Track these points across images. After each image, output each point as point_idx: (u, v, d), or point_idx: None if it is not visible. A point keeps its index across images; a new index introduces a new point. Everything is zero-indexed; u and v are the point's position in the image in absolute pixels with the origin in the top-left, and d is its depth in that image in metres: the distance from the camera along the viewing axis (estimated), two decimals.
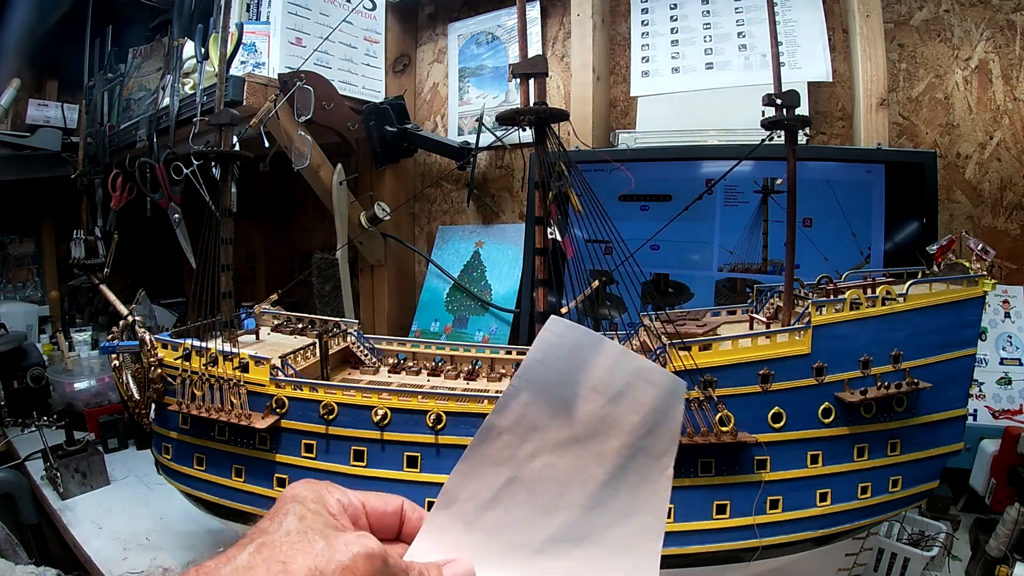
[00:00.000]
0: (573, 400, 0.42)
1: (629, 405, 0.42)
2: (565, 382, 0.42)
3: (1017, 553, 0.86)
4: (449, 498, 0.41)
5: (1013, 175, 1.17)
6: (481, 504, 0.41)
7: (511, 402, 0.42)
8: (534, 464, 0.41)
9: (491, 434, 0.41)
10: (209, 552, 1.07)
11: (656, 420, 0.42)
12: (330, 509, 0.38)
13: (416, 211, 1.84)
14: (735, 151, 1.13)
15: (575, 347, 0.42)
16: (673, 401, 0.42)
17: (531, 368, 0.42)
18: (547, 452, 0.41)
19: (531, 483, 0.41)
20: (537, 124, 0.71)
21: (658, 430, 0.42)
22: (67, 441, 1.34)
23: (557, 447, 0.41)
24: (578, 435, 0.41)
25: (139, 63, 1.72)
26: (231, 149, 0.92)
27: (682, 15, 1.38)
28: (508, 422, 0.41)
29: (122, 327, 0.92)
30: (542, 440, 0.41)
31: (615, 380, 0.42)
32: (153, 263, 2.30)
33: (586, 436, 0.41)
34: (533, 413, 0.42)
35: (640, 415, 0.42)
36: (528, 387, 0.42)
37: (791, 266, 0.77)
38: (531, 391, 0.42)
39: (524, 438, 0.41)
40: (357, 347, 1.00)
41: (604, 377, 0.42)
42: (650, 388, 0.42)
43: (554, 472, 0.41)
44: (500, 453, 0.41)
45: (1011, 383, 1.10)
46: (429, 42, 1.78)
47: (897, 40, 1.22)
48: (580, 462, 0.41)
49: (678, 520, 0.71)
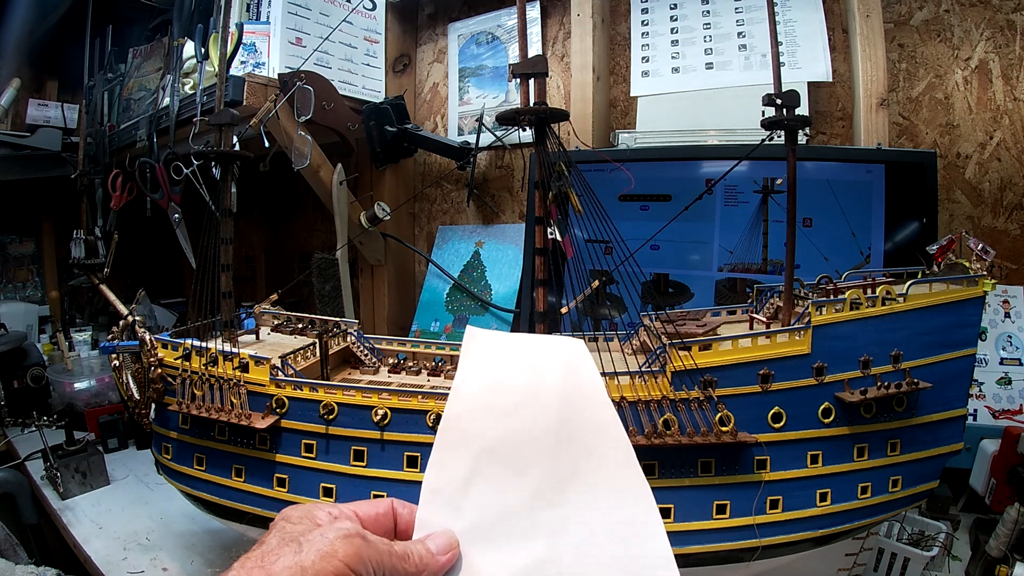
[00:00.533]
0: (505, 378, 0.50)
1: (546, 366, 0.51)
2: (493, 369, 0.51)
3: (1017, 553, 0.87)
4: (431, 489, 0.45)
5: (1013, 175, 1.17)
6: (460, 484, 0.45)
7: (459, 392, 0.49)
8: (494, 432, 0.47)
9: (450, 422, 0.48)
10: (209, 552, 1.07)
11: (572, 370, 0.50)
12: (317, 521, 0.40)
13: (416, 211, 1.84)
14: (735, 151, 1.13)
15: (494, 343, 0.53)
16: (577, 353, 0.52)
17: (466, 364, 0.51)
18: (500, 421, 0.48)
19: (497, 449, 0.46)
20: (537, 124, 0.71)
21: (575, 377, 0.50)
22: (67, 441, 1.34)
23: (507, 414, 0.48)
24: (520, 401, 0.49)
25: (139, 63, 1.72)
26: (231, 149, 0.92)
27: (682, 15, 1.38)
28: (461, 408, 0.48)
29: (122, 327, 0.92)
30: (492, 413, 0.48)
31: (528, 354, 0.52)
32: (153, 263, 2.30)
33: (526, 399, 0.49)
34: (479, 396, 0.49)
35: (557, 371, 0.50)
36: (467, 377, 0.50)
37: (791, 266, 0.77)
38: (471, 381, 0.50)
39: (477, 416, 0.48)
40: (357, 347, 1.00)
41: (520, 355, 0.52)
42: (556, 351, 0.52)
43: (513, 433, 0.47)
44: (462, 434, 0.47)
45: (1011, 383, 1.10)
46: (429, 42, 1.78)
47: (897, 40, 1.22)
48: (531, 420, 0.48)
49: (678, 520, 0.71)
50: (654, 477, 0.70)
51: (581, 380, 0.50)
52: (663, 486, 0.71)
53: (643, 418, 0.70)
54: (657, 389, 0.71)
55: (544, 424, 0.47)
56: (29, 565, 0.95)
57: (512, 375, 0.50)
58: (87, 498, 1.28)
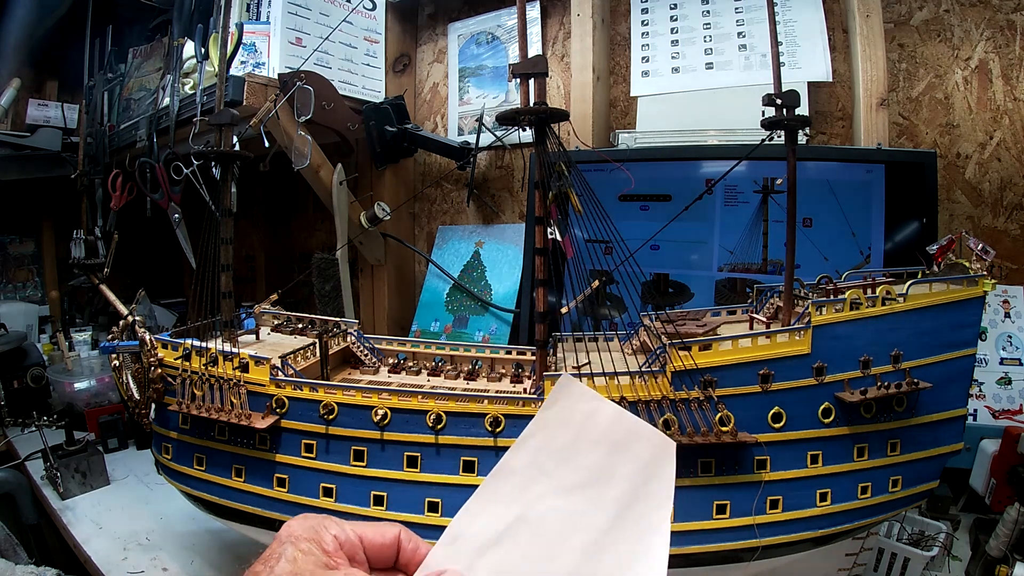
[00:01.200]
0: (577, 449, 0.46)
1: (626, 457, 0.46)
2: (571, 432, 0.47)
3: (1017, 553, 0.87)
4: (454, 534, 0.42)
5: (1013, 175, 1.17)
6: (485, 543, 0.42)
7: (525, 444, 0.46)
8: (540, 506, 0.44)
9: (504, 472, 0.45)
10: (209, 552, 1.07)
11: (650, 473, 0.46)
12: (324, 547, 0.39)
13: (416, 211, 1.84)
14: (735, 151, 1.13)
15: (580, 403, 0.48)
16: (664, 456, 0.47)
17: (544, 416, 0.47)
18: (553, 495, 0.44)
19: (536, 524, 0.43)
20: (537, 124, 0.71)
21: (653, 482, 0.46)
22: (67, 441, 1.34)
23: (562, 491, 0.45)
24: (581, 481, 0.45)
25: (139, 63, 1.72)
26: (231, 149, 0.92)
27: (682, 15, 1.38)
28: (521, 463, 0.45)
29: (122, 327, 0.92)
30: (549, 483, 0.45)
31: (613, 435, 0.47)
32: (153, 263, 2.30)
33: (588, 483, 0.45)
34: (543, 457, 0.45)
35: (636, 466, 0.46)
36: (540, 432, 0.46)
37: (791, 266, 0.77)
38: (542, 437, 0.46)
39: (534, 479, 0.45)
40: (357, 347, 1.00)
41: (604, 431, 0.47)
42: (644, 443, 0.47)
43: (559, 515, 0.44)
44: (511, 491, 0.44)
45: (1011, 383, 1.10)
46: (429, 42, 1.78)
47: (897, 40, 1.22)
48: (583, 507, 0.44)
49: (678, 520, 0.71)
50: None
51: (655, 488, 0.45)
52: None
53: (643, 418, 0.70)
54: (657, 389, 0.71)
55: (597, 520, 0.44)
56: (29, 565, 0.95)
57: (589, 451, 0.46)
58: (87, 498, 1.28)
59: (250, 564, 0.39)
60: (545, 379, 0.72)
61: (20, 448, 1.50)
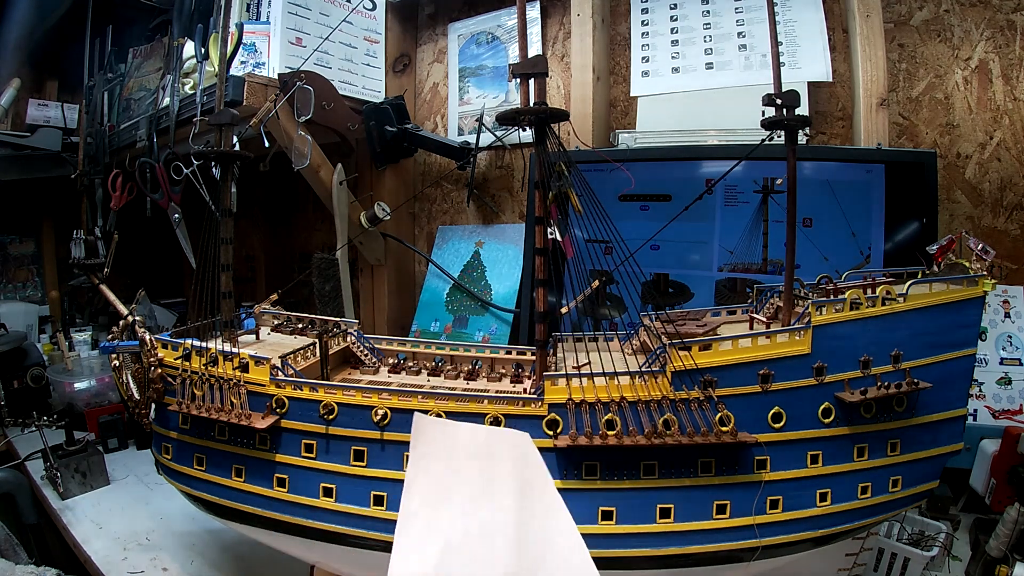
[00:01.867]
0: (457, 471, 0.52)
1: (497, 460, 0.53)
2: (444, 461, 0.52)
3: (1017, 553, 0.87)
4: None
5: (1013, 175, 1.17)
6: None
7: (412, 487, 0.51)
8: (456, 529, 0.48)
9: (408, 518, 0.49)
10: (209, 552, 1.07)
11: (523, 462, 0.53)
12: None
13: (416, 211, 1.84)
14: (735, 151, 1.13)
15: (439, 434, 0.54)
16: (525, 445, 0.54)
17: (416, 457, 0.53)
18: (461, 515, 0.49)
19: (460, 545, 0.48)
20: (537, 124, 0.71)
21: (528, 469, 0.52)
22: (67, 441, 1.34)
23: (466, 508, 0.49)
24: (475, 494, 0.51)
25: (139, 63, 1.72)
26: (231, 149, 0.92)
27: (682, 15, 1.38)
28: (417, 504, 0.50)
29: (122, 327, 0.92)
30: (451, 507, 0.49)
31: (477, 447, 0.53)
32: (153, 263, 2.30)
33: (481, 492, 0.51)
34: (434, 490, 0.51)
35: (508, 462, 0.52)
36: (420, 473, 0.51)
37: (791, 266, 0.77)
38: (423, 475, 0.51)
39: (437, 510, 0.49)
40: (357, 347, 1.00)
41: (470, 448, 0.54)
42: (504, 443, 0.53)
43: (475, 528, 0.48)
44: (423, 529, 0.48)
45: (1011, 383, 1.10)
46: (429, 42, 1.78)
47: (897, 40, 1.22)
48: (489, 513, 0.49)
49: (678, 520, 0.71)
50: (654, 477, 0.70)
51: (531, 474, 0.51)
52: (663, 486, 0.71)
53: (643, 418, 0.70)
54: (657, 389, 0.71)
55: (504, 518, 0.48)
56: (29, 565, 0.95)
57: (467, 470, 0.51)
58: (87, 498, 1.28)
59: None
60: (545, 379, 0.72)
61: (20, 448, 1.50)
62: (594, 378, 0.71)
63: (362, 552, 0.76)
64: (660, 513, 0.70)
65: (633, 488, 0.70)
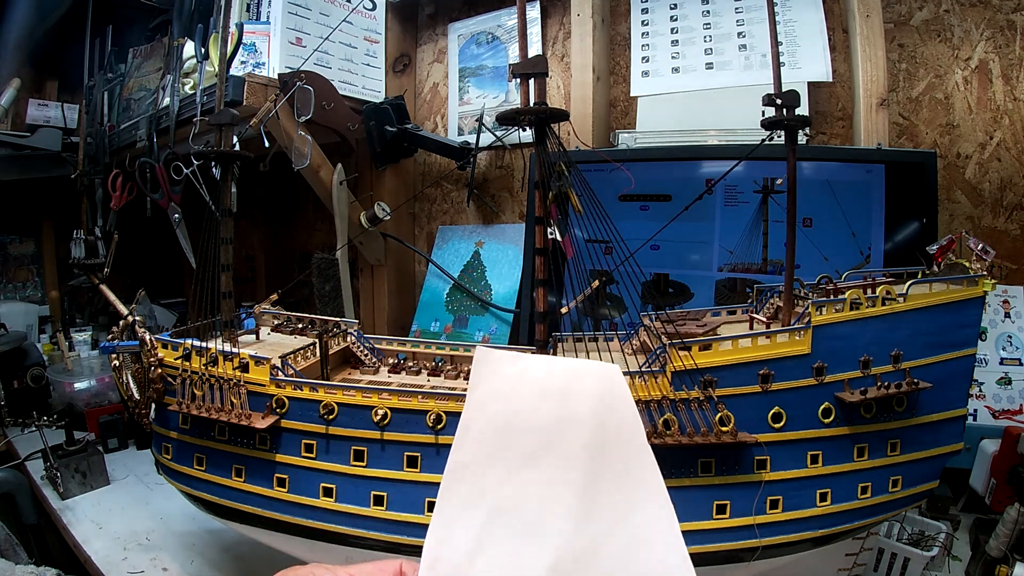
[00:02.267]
0: (521, 416, 0.41)
1: (574, 403, 0.41)
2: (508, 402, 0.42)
3: (1017, 553, 0.87)
4: (432, 560, 0.37)
5: (1013, 175, 1.17)
6: (466, 555, 0.37)
7: (466, 434, 0.41)
8: (506, 489, 0.39)
9: (456, 472, 0.40)
10: (209, 552, 1.07)
11: (607, 406, 0.41)
12: None
13: (416, 211, 1.84)
14: (735, 151, 1.13)
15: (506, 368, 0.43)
16: (615, 385, 0.42)
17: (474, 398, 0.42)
18: (516, 472, 0.40)
19: (511, 510, 0.38)
20: (537, 124, 0.71)
21: (614, 417, 0.41)
22: (67, 441, 1.34)
23: (524, 463, 0.40)
24: (540, 444, 0.40)
25: (139, 63, 1.72)
26: (231, 149, 0.92)
27: (682, 15, 1.38)
28: (469, 455, 0.40)
29: (122, 327, 0.92)
30: (507, 462, 0.40)
31: (555, 382, 0.42)
32: (153, 263, 2.30)
33: (548, 443, 0.40)
34: (489, 440, 0.41)
35: (588, 405, 0.41)
36: (476, 415, 0.41)
37: (791, 266, 0.77)
38: (480, 419, 0.41)
39: (489, 465, 0.40)
40: (357, 347, 1.00)
41: (544, 383, 0.42)
42: (588, 380, 0.42)
43: (529, 490, 0.39)
44: (470, 488, 0.39)
45: (1011, 383, 1.10)
46: (429, 42, 1.78)
47: (897, 40, 1.22)
48: (552, 471, 0.39)
49: (678, 520, 0.70)
50: None
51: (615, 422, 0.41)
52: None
53: (643, 418, 0.70)
54: (657, 389, 0.71)
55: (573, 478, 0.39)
56: (29, 565, 0.95)
57: (534, 411, 0.41)
58: (87, 498, 1.28)
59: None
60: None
61: (20, 448, 1.50)
62: None
63: (362, 552, 0.76)
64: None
65: None
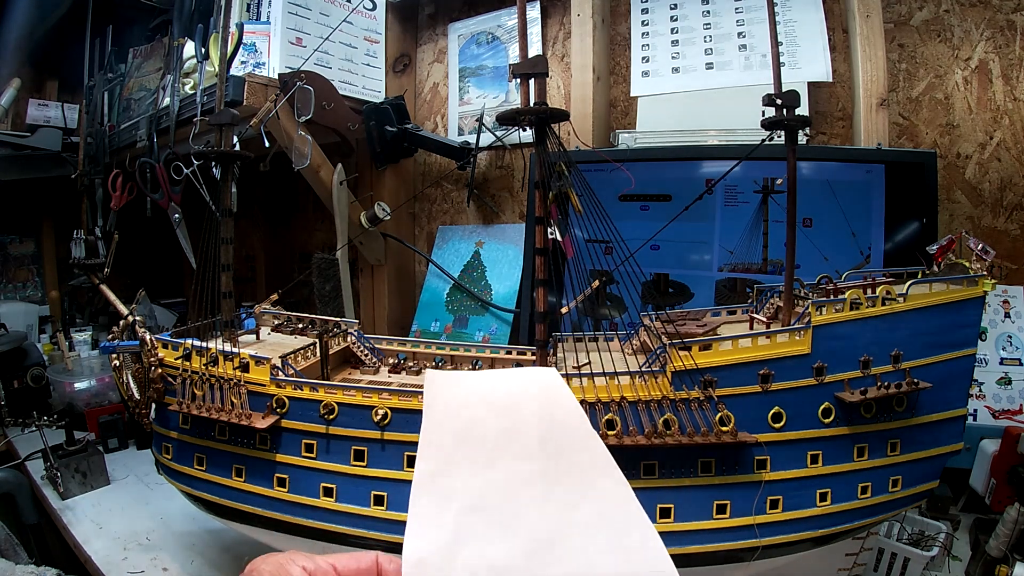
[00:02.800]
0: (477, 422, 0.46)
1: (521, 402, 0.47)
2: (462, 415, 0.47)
3: (1017, 553, 0.87)
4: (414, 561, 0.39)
5: (1013, 175, 1.17)
6: (446, 551, 0.40)
7: (428, 448, 0.45)
8: (473, 489, 0.43)
9: (424, 482, 0.43)
10: (209, 552, 1.07)
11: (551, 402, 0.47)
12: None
13: (416, 211, 1.84)
14: (735, 151, 1.13)
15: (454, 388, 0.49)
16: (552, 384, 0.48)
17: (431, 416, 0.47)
18: (478, 473, 0.43)
19: (480, 506, 0.42)
20: (537, 124, 0.71)
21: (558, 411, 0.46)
22: (67, 441, 1.34)
23: (485, 465, 0.44)
24: (496, 447, 0.45)
25: (139, 63, 1.72)
26: (231, 149, 0.92)
27: (682, 15, 1.38)
28: (433, 464, 0.44)
29: (122, 327, 0.92)
30: (470, 465, 0.44)
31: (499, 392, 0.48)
32: (153, 263, 2.30)
33: (504, 444, 0.45)
34: (450, 448, 0.45)
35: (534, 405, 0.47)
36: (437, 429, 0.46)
37: (791, 266, 0.77)
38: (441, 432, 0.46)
39: (453, 470, 0.44)
40: (357, 347, 1.00)
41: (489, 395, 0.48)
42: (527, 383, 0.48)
43: (494, 487, 0.43)
44: (440, 493, 0.42)
45: (1011, 383, 1.10)
46: (429, 42, 1.79)
47: (897, 40, 1.22)
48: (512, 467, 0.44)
49: (678, 520, 0.71)
50: (654, 477, 0.70)
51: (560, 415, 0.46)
52: (663, 486, 0.71)
53: (643, 418, 0.70)
54: (657, 389, 0.71)
55: (527, 470, 0.43)
56: (29, 565, 0.95)
57: (484, 419, 0.46)
58: (87, 498, 1.28)
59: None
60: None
61: (20, 448, 1.50)
62: (594, 378, 0.71)
63: None
64: (660, 513, 0.70)
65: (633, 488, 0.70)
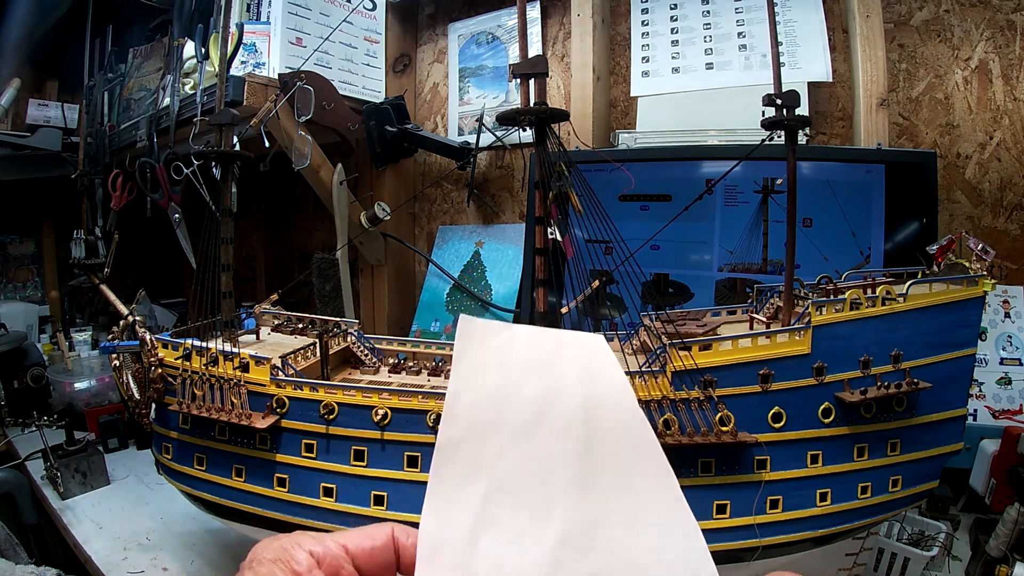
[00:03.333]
0: (509, 387, 0.40)
1: (563, 369, 0.41)
2: (495, 374, 0.40)
3: (1017, 553, 0.87)
4: (430, 546, 0.35)
5: (1013, 175, 1.17)
6: (468, 537, 0.36)
7: (453, 410, 0.39)
8: (503, 464, 0.38)
9: (447, 450, 0.38)
10: (209, 552, 1.07)
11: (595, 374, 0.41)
12: (295, 567, 0.34)
13: (416, 211, 1.84)
14: (735, 151, 1.13)
15: (491, 339, 0.42)
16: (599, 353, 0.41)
17: (460, 370, 0.40)
18: (511, 446, 0.38)
19: (509, 485, 0.37)
20: (537, 124, 0.71)
21: (602, 384, 0.40)
22: (67, 441, 1.33)
23: (518, 437, 0.38)
24: (531, 416, 0.39)
25: (139, 63, 1.72)
26: (231, 149, 0.92)
27: (682, 15, 1.38)
28: (459, 432, 0.38)
29: (122, 327, 0.92)
30: (500, 436, 0.38)
31: (539, 352, 0.41)
32: (153, 263, 2.30)
33: (540, 414, 0.39)
34: (480, 412, 0.39)
35: (575, 372, 0.41)
36: (464, 389, 0.40)
37: (791, 266, 0.77)
38: (468, 392, 0.40)
39: (482, 440, 0.38)
40: (357, 347, 1.00)
41: (528, 353, 0.41)
42: (572, 349, 0.42)
43: (528, 463, 0.38)
44: (465, 468, 0.38)
45: (1011, 383, 1.10)
46: (429, 42, 1.78)
47: (897, 40, 1.22)
48: (547, 443, 0.38)
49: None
50: None
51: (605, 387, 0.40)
52: None
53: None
54: (657, 389, 0.71)
55: (567, 448, 0.38)
56: (29, 565, 0.95)
57: (522, 383, 0.40)
58: (87, 498, 1.28)
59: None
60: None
61: (20, 448, 1.50)
62: None
63: None
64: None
65: None
